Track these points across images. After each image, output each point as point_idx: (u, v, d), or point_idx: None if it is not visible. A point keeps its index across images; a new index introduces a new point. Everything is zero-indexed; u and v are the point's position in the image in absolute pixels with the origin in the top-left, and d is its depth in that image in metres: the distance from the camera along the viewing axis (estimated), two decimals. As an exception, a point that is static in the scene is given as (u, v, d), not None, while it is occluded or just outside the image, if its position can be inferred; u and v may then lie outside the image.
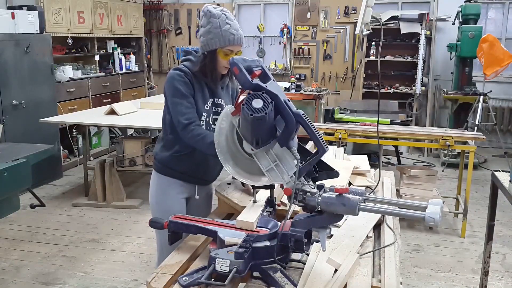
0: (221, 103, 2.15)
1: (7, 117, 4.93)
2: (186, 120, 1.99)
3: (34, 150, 3.80)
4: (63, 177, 5.80)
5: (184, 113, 2.00)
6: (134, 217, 4.53)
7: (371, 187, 2.30)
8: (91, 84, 6.58)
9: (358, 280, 1.45)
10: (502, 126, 7.19)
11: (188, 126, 1.98)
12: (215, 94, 2.13)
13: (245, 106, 1.39)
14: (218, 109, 2.13)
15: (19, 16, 5.12)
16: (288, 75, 7.86)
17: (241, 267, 1.40)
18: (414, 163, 6.44)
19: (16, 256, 3.72)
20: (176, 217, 1.77)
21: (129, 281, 3.36)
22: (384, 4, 7.32)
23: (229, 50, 2.01)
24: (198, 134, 1.96)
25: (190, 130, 1.98)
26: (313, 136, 1.43)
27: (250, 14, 8.23)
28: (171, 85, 2.03)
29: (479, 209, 4.78)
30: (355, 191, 1.42)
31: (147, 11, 8.41)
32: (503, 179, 2.68)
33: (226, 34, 1.97)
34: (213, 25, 1.97)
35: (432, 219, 1.26)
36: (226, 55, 2.00)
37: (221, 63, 2.04)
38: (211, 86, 2.11)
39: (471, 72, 6.56)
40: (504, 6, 7.23)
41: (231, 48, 2.01)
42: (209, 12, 1.99)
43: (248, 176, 1.62)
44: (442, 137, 4.03)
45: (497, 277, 3.44)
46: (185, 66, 2.08)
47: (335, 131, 4.27)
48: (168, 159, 2.16)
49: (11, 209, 3.46)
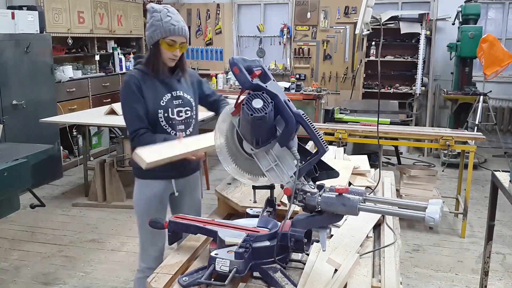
0: (181, 95, 2.22)
1: (7, 117, 4.93)
2: (131, 133, 2.12)
3: (34, 150, 3.80)
4: (63, 177, 5.80)
5: (130, 126, 2.12)
6: (134, 217, 4.49)
7: (371, 187, 2.30)
8: (91, 84, 6.58)
9: (358, 280, 1.45)
10: (502, 126, 7.19)
11: (134, 138, 2.11)
12: (172, 88, 2.20)
13: (245, 106, 1.39)
14: (179, 101, 2.21)
15: (19, 16, 5.12)
16: (288, 75, 7.86)
17: (241, 267, 1.40)
18: (414, 163, 6.44)
19: (16, 256, 3.72)
20: (176, 217, 1.77)
21: (129, 281, 3.36)
22: (384, 4, 7.32)
23: (172, 40, 2.07)
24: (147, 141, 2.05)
25: (137, 142, 2.08)
26: (313, 136, 1.43)
27: (250, 14, 8.23)
28: (121, 96, 2.17)
29: (479, 209, 4.78)
30: (355, 191, 1.42)
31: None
32: (503, 179, 2.68)
33: (167, 25, 2.05)
34: (155, 18, 2.07)
35: (432, 219, 1.26)
36: (169, 46, 2.07)
37: (165, 54, 2.10)
38: (166, 81, 2.18)
39: (471, 72, 6.56)
40: (504, 6, 7.23)
41: (173, 38, 2.08)
42: (152, 7, 2.09)
43: (248, 176, 1.62)
44: (442, 137, 4.03)
45: (497, 277, 3.44)
46: (136, 69, 2.17)
47: (335, 131, 4.27)
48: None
49: (11, 209, 3.46)
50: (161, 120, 2.16)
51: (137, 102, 2.11)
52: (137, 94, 2.11)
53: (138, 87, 2.11)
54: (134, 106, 2.10)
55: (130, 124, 2.12)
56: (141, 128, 2.10)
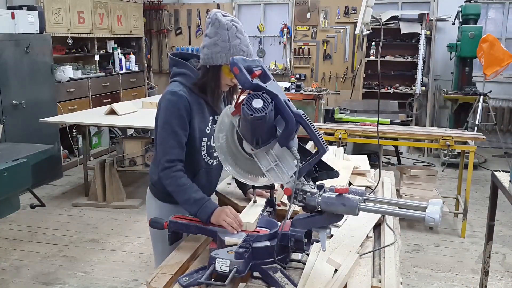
0: None
1: (7, 117, 4.93)
2: (167, 162, 1.79)
3: (34, 150, 3.80)
4: (63, 177, 5.80)
5: (167, 152, 1.80)
6: (134, 217, 4.53)
7: (371, 187, 2.30)
8: (91, 84, 6.58)
9: (358, 280, 1.45)
10: (502, 126, 7.19)
11: (168, 169, 1.79)
12: (215, 112, 1.93)
13: (245, 106, 1.39)
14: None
15: (19, 16, 5.11)
16: (288, 75, 7.87)
17: (241, 267, 1.40)
18: (414, 163, 6.44)
19: (16, 256, 3.72)
20: (176, 217, 1.77)
21: (129, 281, 3.36)
22: (384, 4, 7.32)
23: None
24: (177, 184, 1.79)
25: (170, 176, 1.79)
26: (313, 136, 1.43)
27: (250, 14, 8.23)
28: (163, 116, 1.82)
29: (479, 209, 4.78)
30: (355, 191, 1.42)
31: (147, 11, 8.41)
32: (503, 179, 2.68)
33: (235, 50, 1.74)
34: (221, 38, 1.73)
35: (432, 219, 1.26)
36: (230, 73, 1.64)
37: (224, 80, 1.82)
38: (211, 103, 1.90)
39: (471, 72, 6.56)
40: (504, 6, 7.23)
41: None
42: (218, 21, 1.74)
43: (248, 176, 1.62)
44: (442, 137, 4.03)
45: (497, 277, 3.44)
46: (182, 84, 1.85)
47: (335, 131, 4.27)
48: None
49: (11, 209, 3.46)
50: (203, 150, 1.91)
51: (182, 128, 1.81)
52: (185, 119, 1.81)
53: (187, 111, 1.81)
54: (178, 131, 1.80)
55: (168, 150, 1.80)
56: (180, 160, 1.81)
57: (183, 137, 1.83)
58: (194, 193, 1.78)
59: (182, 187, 1.78)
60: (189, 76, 1.87)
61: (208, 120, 1.91)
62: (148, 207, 2.11)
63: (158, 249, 2.06)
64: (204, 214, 1.72)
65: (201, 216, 1.73)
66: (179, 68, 1.90)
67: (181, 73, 1.88)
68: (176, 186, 1.79)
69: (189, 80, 1.86)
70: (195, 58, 1.92)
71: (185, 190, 1.78)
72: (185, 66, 1.88)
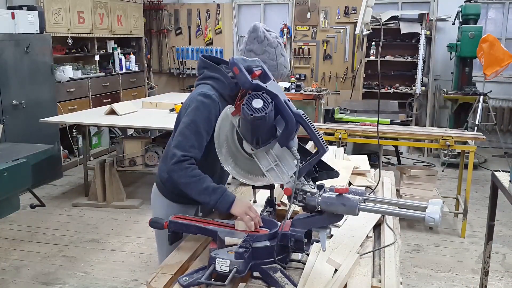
0: None
1: (7, 117, 4.93)
2: (183, 156, 1.73)
3: (34, 150, 3.80)
4: (63, 177, 5.80)
5: (185, 149, 1.74)
6: (134, 217, 4.53)
7: (371, 187, 2.30)
8: (91, 84, 6.58)
9: (358, 280, 1.45)
10: (502, 126, 7.19)
11: (182, 162, 1.73)
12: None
13: (245, 106, 1.39)
14: None
15: (19, 16, 5.11)
16: (288, 75, 7.85)
17: (241, 267, 1.40)
18: (414, 163, 6.44)
19: (16, 256, 3.72)
20: (176, 217, 1.77)
21: (129, 281, 3.36)
22: (384, 4, 7.32)
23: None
24: (193, 175, 1.72)
25: (184, 167, 1.73)
26: (313, 136, 1.43)
27: (250, 14, 8.23)
28: (191, 114, 1.78)
29: (479, 209, 4.78)
30: (355, 191, 1.42)
31: (147, 11, 8.41)
32: (503, 179, 2.68)
33: (281, 68, 1.81)
34: (270, 56, 1.79)
35: (432, 219, 1.26)
36: None
37: None
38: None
39: (471, 72, 6.55)
40: (504, 6, 7.22)
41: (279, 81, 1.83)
42: (267, 39, 1.78)
43: (248, 176, 1.62)
44: (442, 137, 4.03)
45: (497, 277, 3.44)
46: (214, 89, 1.81)
47: (335, 131, 4.27)
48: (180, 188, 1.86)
49: (11, 209, 3.47)
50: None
51: (207, 132, 1.77)
52: (212, 124, 1.73)
53: (217, 117, 1.72)
54: (202, 133, 1.77)
55: (187, 148, 1.75)
56: (195, 159, 1.77)
57: (205, 141, 1.79)
58: (211, 182, 1.74)
59: (197, 177, 1.73)
60: (221, 82, 1.83)
61: None
62: (154, 205, 2.08)
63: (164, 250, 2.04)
64: (226, 202, 1.69)
65: (221, 205, 1.69)
66: (211, 71, 1.85)
67: (214, 77, 1.84)
68: (191, 177, 1.72)
69: (221, 85, 1.83)
70: (225, 64, 1.87)
71: (202, 180, 1.72)
72: (218, 71, 1.84)
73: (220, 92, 1.82)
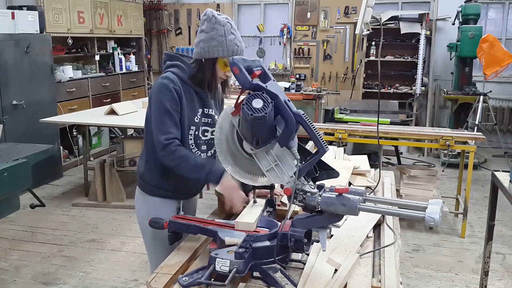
0: (212, 113, 2.02)
1: (7, 117, 4.93)
2: (166, 140, 1.83)
3: (34, 150, 3.81)
4: (63, 177, 5.80)
5: (165, 132, 1.85)
6: (134, 217, 4.49)
7: (371, 187, 2.30)
8: (91, 84, 6.58)
9: (358, 280, 1.45)
10: (502, 126, 7.19)
11: (167, 146, 1.83)
12: (205, 104, 2.00)
13: (245, 106, 1.39)
14: (208, 119, 2.01)
15: (19, 16, 5.11)
16: (288, 75, 7.86)
17: (241, 267, 1.40)
18: (414, 163, 6.44)
19: (16, 256, 3.72)
20: (176, 217, 1.77)
21: (129, 281, 3.36)
22: (384, 4, 7.32)
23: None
24: (180, 155, 1.84)
25: (170, 151, 1.83)
26: (313, 136, 1.43)
27: (250, 14, 8.23)
28: (156, 99, 1.88)
29: (479, 209, 4.78)
30: (355, 191, 1.42)
31: (147, 11, 8.41)
32: (503, 179, 2.68)
33: (231, 44, 1.86)
34: (218, 32, 1.85)
35: (432, 219, 1.26)
36: (226, 66, 1.88)
37: (219, 72, 1.92)
38: (202, 95, 1.98)
39: (471, 72, 6.56)
40: (504, 6, 7.22)
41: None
42: (214, 18, 1.86)
43: (248, 176, 1.62)
44: (442, 137, 4.03)
45: (497, 277, 3.44)
46: (174, 74, 1.93)
47: (335, 131, 4.27)
48: (157, 178, 2.03)
49: (11, 209, 3.48)
50: (190, 138, 1.95)
51: (175, 110, 1.88)
52: (177, 101, 1.88)
53: (178, 95, 1.89)
54: (172, 112, 1.87)
55: (166, 130, 1.85)
56: (177, 139, 1.87)
57: (177, 118, 1.89)
58: (199, 158, 1.90)
59: (185, 156, 1.85)
60: (182, 68, 1.95)
61: (198, 110, 1.97)
62: (136, 204, 2.20)
63: (150, 247, 2.12)
64: (214, 176, 1.82)
65: (211, 178, 1.83)
66: (171, 61, 1.99)
67: (174, 65, 1.97)
68: (179, 158, 1.84)
69: (182, 71, 1.94)
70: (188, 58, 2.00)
71: (189, 158, 1.84)
72: (178, 59, 1.97)
73: (179, 76, 1.93)
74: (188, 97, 1.94)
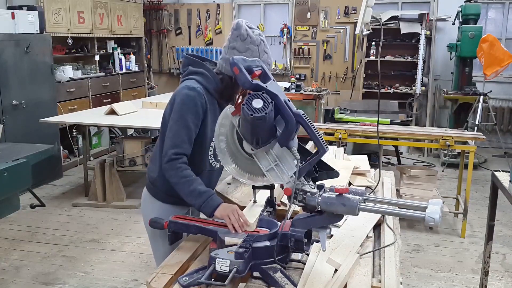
0: None
1: (7, 117, 4.93)
2: (175, 154, 1.79)
3: (34, 150, 3.81)
4: (63, 177, 5.79)
5: (176, 145, 1.80)
6: (134, 217, 4.53)
7: (371, 187, 2.30)
8: (91, 84, 6.58)
9: (358, 280, 1.45)
10: (502, 126, 7.19)
11: (174, 161, 1.79)
12: None
13: (245, 106, 1.39)
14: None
15: (19, 16, 5.11)
16: (288, 75, 7.86)
17: (241, 267, 1.40)
18: (414, 163, 6.44)
19: (16, 256, 3.72)
20: (176, 217, 1.77)
21: (129, 281, 3.36)
22: (384, 4, 7.32)
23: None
24: (183, 175, 1.78)
25: (175, 167, 1.78)
26: (313, 136, 1.43)
27: (250, 14, 8.22)
28: (178, 109, 1.82)
29: (479, 209, 4.78)
30: (355, 191, 1.42)
31: (147, 11, 8.41)
32: (503, 179, 2.68)
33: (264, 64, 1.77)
34: (253, 54, 1.78)
35: (432, 219, 1.26)
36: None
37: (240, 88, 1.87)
38: (222, 106, 1.85)
39: (471, 72, 6.55)
40: (504, 6, 7.23)
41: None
42: (249, 37, 1.79)
43: (248, 176, 1.62)
44: (442, 137, 4.03)
45: (497, 277, 3.44)
46: (199, 83, 1.86)
47: (335, 131, 4.27)
48: (170, 186, 1.86)
49: (11, 209, 3.47)
50: (210, 150, 1.93)
51: (195, 125, 1.83)
52: (200, 116, 1.83)
53: (203, 109, 1.83)
54: (191, 127, 1.82)
55: (178, 144, 1.80)
56: (186, 155, 1.82)
57: (194, 134, 1.84)
58: (200, 185, 1.78)
59: (186, 178, 1.78)
60: (206, 76, 1.88)
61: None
62: (145, 207, 2.09)
63: (159, 249, 2.05)
64: (209, 207, 1.73)
65: (205, 210, 1.75)
66: (195, 67, 1.91)
67: (198, 72, 1.89)
68: (181, 178, 1.78)
69: (205, 79, 1.87)
70: (209, 62, 1.94)
71: (190, 182, 1.78)
72: (202, 66, 1.89)
73: (204, 86, 1.86)
74: (212, 108, 1.89)
